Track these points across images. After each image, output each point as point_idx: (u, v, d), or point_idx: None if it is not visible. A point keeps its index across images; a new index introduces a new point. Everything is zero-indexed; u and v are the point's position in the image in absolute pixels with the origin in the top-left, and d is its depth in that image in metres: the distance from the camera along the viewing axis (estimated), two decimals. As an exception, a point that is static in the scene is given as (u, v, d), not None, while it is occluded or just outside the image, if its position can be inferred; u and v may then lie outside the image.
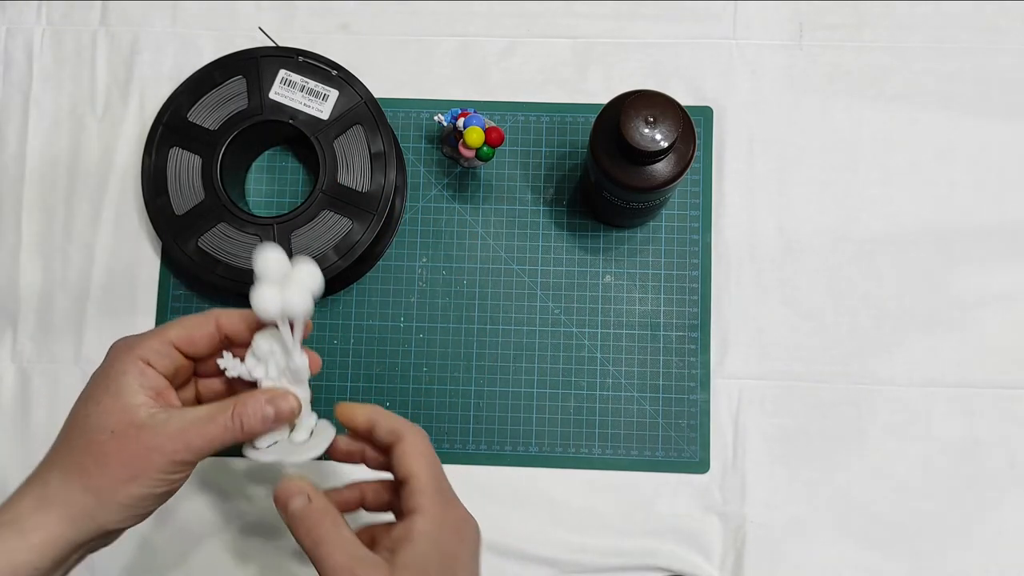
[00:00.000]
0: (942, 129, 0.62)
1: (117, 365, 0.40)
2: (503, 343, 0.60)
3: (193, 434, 0.39)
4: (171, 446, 0.38)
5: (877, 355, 0.60)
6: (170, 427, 0.39)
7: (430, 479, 0.40)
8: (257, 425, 0.40)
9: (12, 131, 0.63)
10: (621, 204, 0.54)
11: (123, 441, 0.38)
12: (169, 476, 0.39)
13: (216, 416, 0.40)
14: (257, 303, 0.39)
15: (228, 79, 0.58)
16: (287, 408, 0.41)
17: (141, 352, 0.40)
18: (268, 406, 0.40)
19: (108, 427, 0.39)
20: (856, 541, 0.58)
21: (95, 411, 0.39)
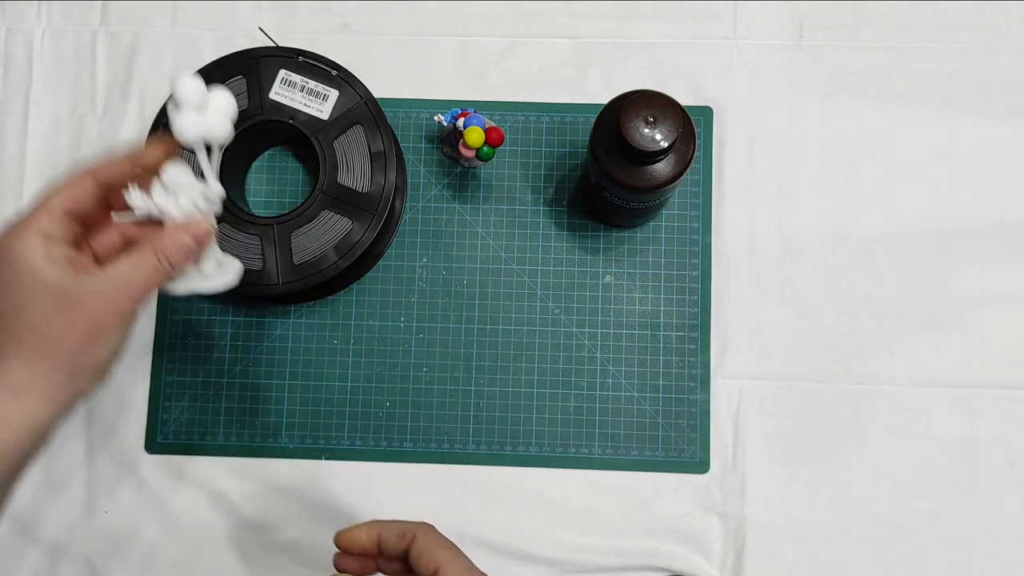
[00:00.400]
0: (942, 129, 0.62)
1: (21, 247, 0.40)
2: (503, 343, 0.60)
3: (131, 285, 0.41)
4: (114, 303, 0.40)
5: (877, 355, 0.60)
6: (106, 287, 0.40)
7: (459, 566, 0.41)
8: (181, 257, 0.42)
9: (12, 131, 0.63)
10: (621, 204, 0.54)
11: (69, 314, 0.39)
12: (121, 328, 0.41)
13: (142, 261, 0.41)
14: (177, 128, 0.41)
15: (228, 79, 0.58)
16: (202, 232, 0.42)
17: (38, 228, 0.40)
18: (185, 235, 0.42)
19: (45, 307, 0.39)
20: (856, 541, 0.58)
21: (21, 295, 0.39)
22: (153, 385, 0.60)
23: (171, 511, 0.59)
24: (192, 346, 0.61)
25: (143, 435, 0.60)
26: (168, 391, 0.60)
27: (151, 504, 0.59)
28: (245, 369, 0.60)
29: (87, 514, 0.59)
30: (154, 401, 0.60)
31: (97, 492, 0.59)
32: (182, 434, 0.60)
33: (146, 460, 0.60)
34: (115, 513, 0.59)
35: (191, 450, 0.60)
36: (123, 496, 0.59)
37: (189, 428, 0.60)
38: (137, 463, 0.60)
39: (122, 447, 0.60)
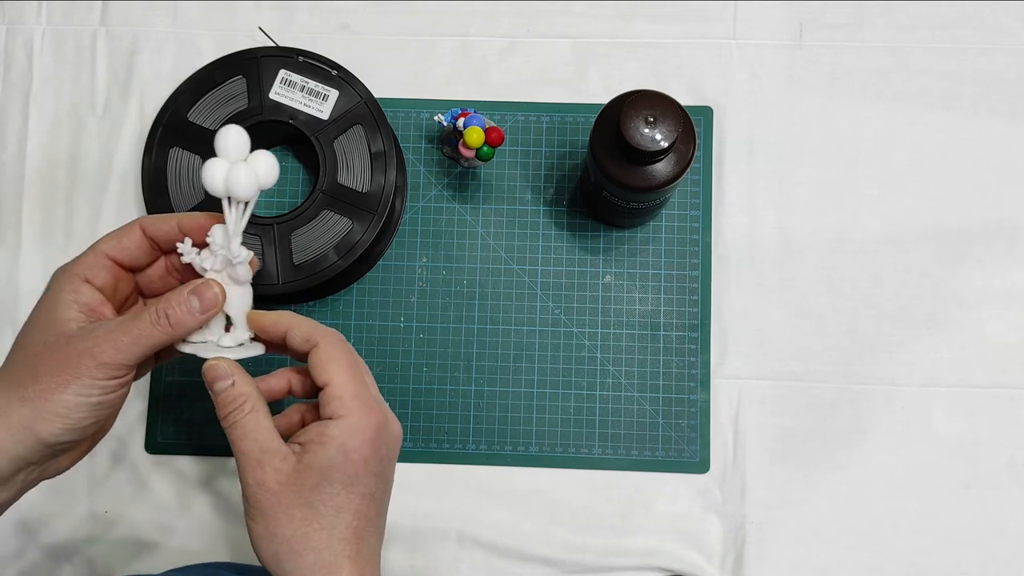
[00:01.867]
0: (942, 129, 0.62)
1: (54, 286, 0.41)
2: (503, 343, 0.60)
3: (119, 334, 0.38)
4: (98, 348, 0.38)
5: (877, 355, 0.60)
6: (97, 332, 0.39)
7: (347, 386, 0.40)
8: (184, 317, 0.40)
9: (12, 131, 0.63)
10: (621, 204, 0.54)
11: (53, 350, 0.38)
12: (100, 382, 0.38)
13: (142, 315, 0.39)
14: (204, 175, 0.40)
15: (228, 79, 0.58)
16: (210, 295, 0.40)
17: (76, 269, 0.41)
18: (192, 296, 0.40)
19: (42, 341, 0.39)
20: (856, 541, 0.58)
21: (31, 330, 0.40)
22: (153, 385, 0.60)
23: (171, 510, 0.59)
24: (192, 346, 0.61)
25: (143, 435, 0.60)
26: (168, 391, 0.60)
27: (151, 504, 0.59)
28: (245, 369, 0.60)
29: (87, 514, 0.59)
30: (154, 401, 0.60)
31: (97, 492, 0.59)
32: (182, 434, 0.60)
33: (146, 460, 0.60)
34: (115, 513, 0.59)
35: (191, 450, 0.60)
36: (123, 496, 0.59)
37: (189, 428, 0.60)
38: (137, 463, 0.60)
39: (122, 447, 0.60)
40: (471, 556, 0.58)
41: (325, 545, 0.38)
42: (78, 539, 0.59)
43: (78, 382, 0.38)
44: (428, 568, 0.58)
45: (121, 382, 0.39)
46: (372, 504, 0.40)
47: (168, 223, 0.42)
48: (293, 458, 0.39)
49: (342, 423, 0.39)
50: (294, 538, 0.38)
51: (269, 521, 0.38)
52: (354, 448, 0.39)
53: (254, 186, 0.40)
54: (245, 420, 0.39)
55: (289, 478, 0.38)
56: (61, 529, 0.59)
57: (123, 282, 0.43)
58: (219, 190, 0.40)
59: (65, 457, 0.41)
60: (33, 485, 0.41)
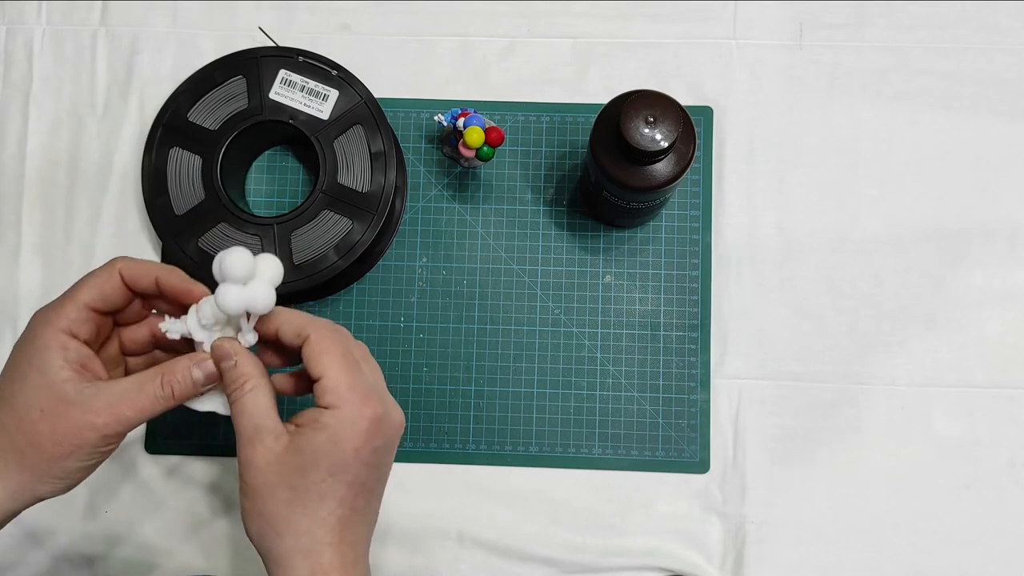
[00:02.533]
0: (942, 129, 0.62)
1: (39, 340, 0.40)
2: (503, 343, 0.60)
3: (123, 407, 0.40)
4: (101, 421, 0.39)
5: (877, 355, 0.60)
6: (99, 402, 0.39)
7: (340, 377, 0.39)
8: (188, 390, 0.41)
9: (12, 131, 0.63)
10: (621, 204, 0.54)
11: (54, 420, 0.39)
12: (101, 449, 0.40)
13: (144, 386, 0.40)
14: (220, 302, 0.40)
15: (228, 79, 0.58)
16: (212, 372, 0.41)
17: (61, 324, 0.40)
18: (196, 370, 0.41)
19: (38, 406, 0.39)
20: (856, 541, 0.58)
21: (21, 389, 0.40)
22: (153, 385, 0.60)
23: (171, 511, 0.59)
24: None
25: (143, 435, 0.60)
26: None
27: (151, 504, 0.59)
28: (245, 369, 0.60)
29: (87, 514, 0.59)
30: (154, 401, 0.60)
31: (97, 492, 0.59)
32: (182, 434, 0.60)
33: (146, 460, 0.60)
34: (115, 513, 0.59)
35: (191, 450, 0.60)
36: (123, 496, 0.59)
37: (189, 428, 0.60)
38: (137, 463, 0.60)
39: (122, 447, 0.60)
40: (471, 556, 0.58)
41: (306, 530, 0.39)
42: (78, 539, 0.59)
43: (81, 451, 0.39)
44: (428, 568, 0.58)
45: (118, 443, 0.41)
46: (361, 494, 0.40)
47: (147, 276, 0.42)
48: (285, 438, 0.39)
49: (336, 413, 0.39)
50: (276, 518, 0.39)
51: (256, 499, 0.39)
52: (345, 438, 0.39)
53: (273, 296, 0.41)
54: (245, 398, 0.40)
55: (278, 458, 0.39)
56: (60, 529, 0.59)
57: (103, 326, 0.43)
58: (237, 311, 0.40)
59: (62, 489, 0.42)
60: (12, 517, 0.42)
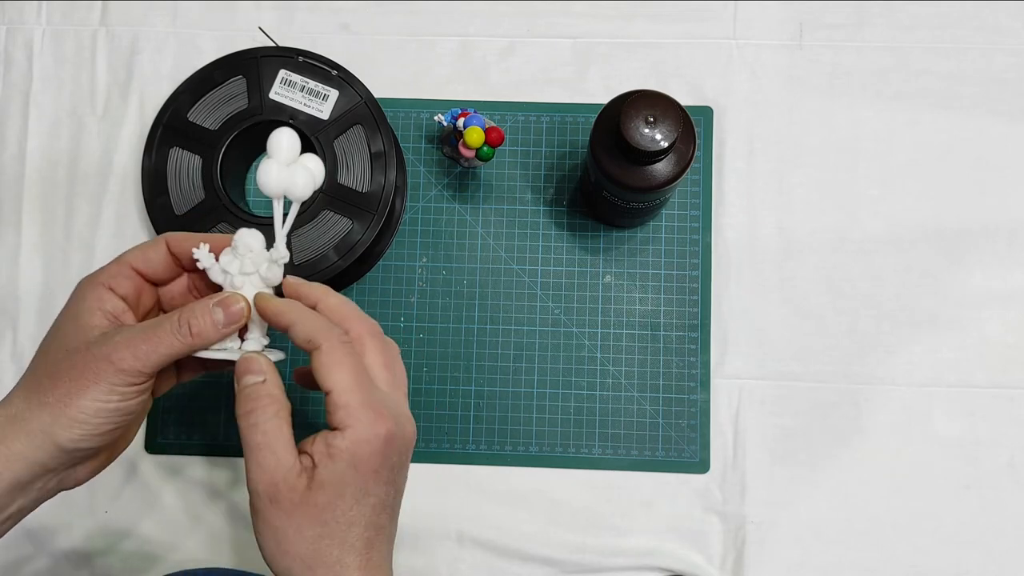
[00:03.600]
0: (942, 129, 0.62)
1: (79, 293, 0.41)
2: (503, 343, 0.60)
3: (139, 340, 0.38)
4: (117, 354, 0.38)
5: (877, 355, 0.60)
6: (116, 337, 0.38)
7: (351, 393, 0.38)
8: (207, 328, 0.39)
9: (12, 131, 0.63)
10: (621, 204, 0.54)
11: (74, 356, 0.38)
12: (119, 388, 0.38)
13: (163, 323, 0.39)
14: (261, 176, 0.40)
15: (228, 79, 0.58)
16: (236, 310, 0.40)
17: (100, 278, 0.41)
18: (217, 308, 0.40)
19: (65, 347, 0.39)
20: (856, 541, 0.58)
21: (55, 335, 0.40)
22: (153, 385, 0.60)
23: (171, 511, 0.59)
24: (192, 346, 0.61)
25: (143, 435, 0.60)
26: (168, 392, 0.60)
27: (151, 503, 0.59)
28: (245, 369, 0.60)
29: (87, 514, 0.59)
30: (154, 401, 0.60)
31: (97, 492, 0.59)
32: (182, 434, 0.60)
33: (146, 460, 0.60)
34: (115, 513, 0.59)
35: (191, 450, 0.60)
36: (123, 496, 0.59)
37: (189, 428, 0.60)
38: (137, 463, 0.60)
39: (122, 447, 0.60)
40: (471, 556, 0.58)
41: (336, 558, 0.38)
42: (77, 539, 0.59)
43: (96, 387, 0.38)
44: (428, 568, 0.58)
45: (139, 389, 0.39)
46: (384, 512, 0.39)
47: (191, 241, 0.42)
48: (305, 476, 0.37)
49: (349, 434, 0.38)
50: (307, 554, 0.37)
51: (281, 539, 0.37)
52: (363, 460, 0.38)
53: (311, 186, 0.41)
54: (268, 425, 0.38)
55: (302, 497, 0.37)
56: (60, 528, 0.59)
57: (145, 294, 0.43)
58: (275, 191, 0.41)
59: (83, 467, 0.41)
60: (51, 495, 0.40)
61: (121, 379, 0.38)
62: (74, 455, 0.39)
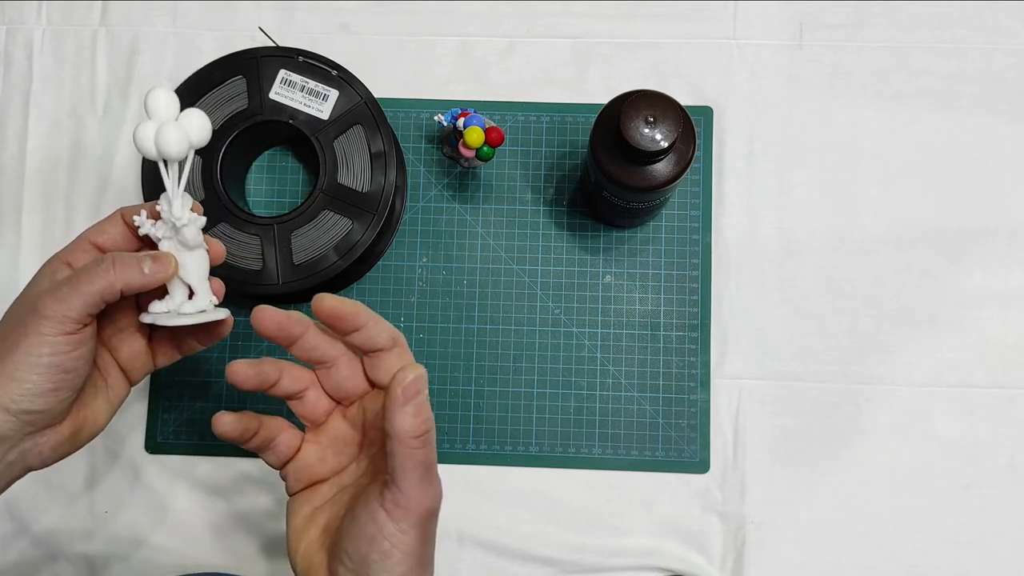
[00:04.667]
0: (942, 129, 0.62)
1: (38, 272, 0.42)
2: (503, 343, 0.60)
3: (62, 285, 0.38)
4: (40, 302, 0.38)
5: (877, 355, 0.60)
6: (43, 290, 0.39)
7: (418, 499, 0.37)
8: (131, 269, 0.40)
9: (12, 131, 0.63)
10: (621, 204, 0.54)
11: (11, 319, 0.40)
12: (48, 338, 0.38)
13: (87, 266, 0.39)
14: (135, 137, 0.40)
15: (228, 79, 0.58)
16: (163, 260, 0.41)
17: (59, 254, 0.42)
18: (146, 258, 0.40)
19: (9, 316, 0.40)
20: (856, 541, 0.58)
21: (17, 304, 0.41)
22: (153, 385, 0.60)
23: (171, 511, 0.59)
24: (192, 346, 0.61)
25: (143, 435, 0.60)
26: (168, 391, 0.60)
27: (151, 504, 0.59)
28: (245, 369, 0.60)
29: (87, 514, 0.59)
30: (154, 401, 0.60)
31: (97, 492, 0.59)
32: (182, 434, 0.60)
33: (146, 460, 0.60)
34: (115, 513, 0.59)
35: (191, 450, 0.60)
36: (123, 496, 0.59)
37: (189, 428, 0.60)
38: (137, 463, 0.60)
39: (122, 447, 0.60)
40: (471, 556, 0.58)
41: None
42: (77, 539, 0.59)
43: (26, 340, 0.38)
44: (428, 568, 0.58)
45: (71, 339, 0.38)
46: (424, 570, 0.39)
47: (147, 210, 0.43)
48: None
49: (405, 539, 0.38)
50: None
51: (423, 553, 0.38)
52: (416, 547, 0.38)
53: (184, 144, 0.40)
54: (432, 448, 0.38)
55: None
56: (60, 529, 0.59)
57: None
58: (151, 151, 0.40)
59: (44, 439, 0.40)
60: (17, 473, 0.41)
61: (48, 327, 0.38)
62: (24, 419, 0.39)
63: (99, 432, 0.44)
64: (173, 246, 0.42)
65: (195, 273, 0.43)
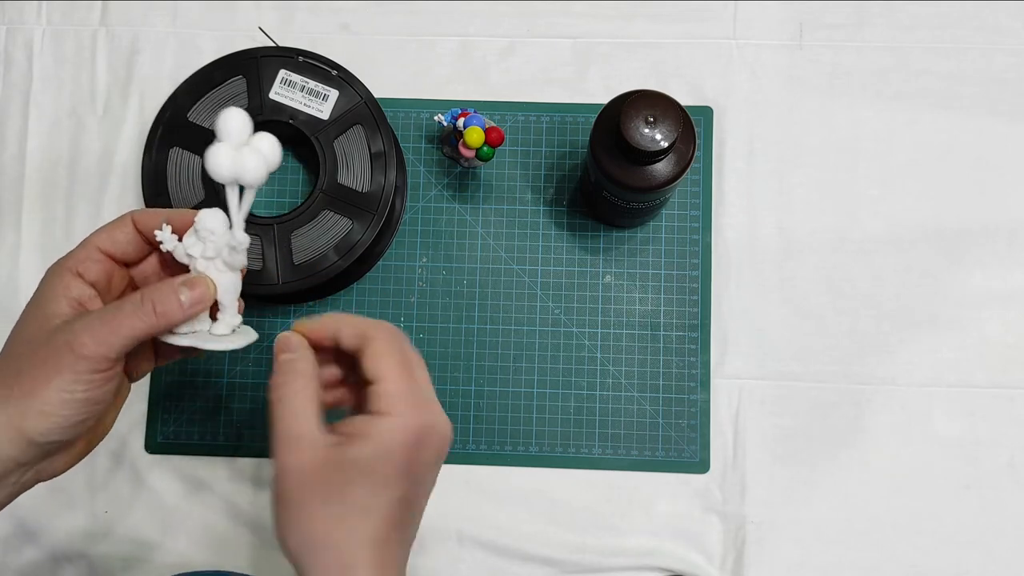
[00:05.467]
0: (942, 129, 0.62)
1: (45, 281, 0.40)
2: (503, 343, 0.60)
3: (99, 325, 0.37)
4: (77, 341, 0.36)
5: (877, 355, 0.60)
6: (77, 324, 0.37)
7: (397, 382, 0.38)
8: (172, 308, 0.38)
9: (12, 131, 0.63)
10: (621, 204, 0.54)
11: (36, 347, 0.37)
12: (83, 376, 0.37)
13: (124, 304, 0.38)
14: (210, 161, 0.38)
15: (228, 79, 0.58)
16: (202, 291, 0.39)
17: (67, 263, 0.40)
18: (183, 287, 0.39)
19: (27, 338, 0.38)
20: (856, 541, 0.58)
21: (19, 327, 0.39)
22: (153, 385, 0.60)
23: (171, 511, 0.59)
24: (192, 346, 0.61)
25: (143, 435, 0.60)
26: (168, 391, 0.60)
27: (151, 504, 0.59)
28: (245, 369, 0.60)
29: (87, 514, 0.59)
30: (154, 401, 0.60)
31: (97, 492, 0.59)
32: (182, 434, 0.60)
33: (146, 460, 0.60)
34: (115, 513, 0.59)
35: (191, 450, 0.60)
36: (123, 496, 0.59)
37: (189, 428, 0.60)
38: (137, 463, 0.60)
39: (122, 447, 0.60)
40: (471, 556, 0.58)
41: (345, 545, 0.37)
42: (78, 539, 0.59)
43: (60, 378, 0.37)
44: (428, 568, 0.58)
45: (106, 376, 0.38)
46: (405, 508, 0.39)
47: (158, 218, 0.41)
48: (332, 449, 0.37)
49: (387, 421, 0.38)
50: (315, 533, 0.37)
51: (295, 510, 0.37)
52: (394, 449, 0.37)
53: (263, 170, 0.39)
54: (294, 399, 0.38)
55: (322, 469, 0.37)
56: (61, 529, 0.59)
57: (116, 277, 0.42)
58: (226, 176, 0.39)
59: (60, 458, 0.40)
60: (28, 487, 0.40)
61: (85, 366, 0.37)
62: (46, 448, 0.38)
63: (107, 434, 0.44)
64: (213, 266, 0.40)
65: (229, 293, 0.41)
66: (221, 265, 0.41)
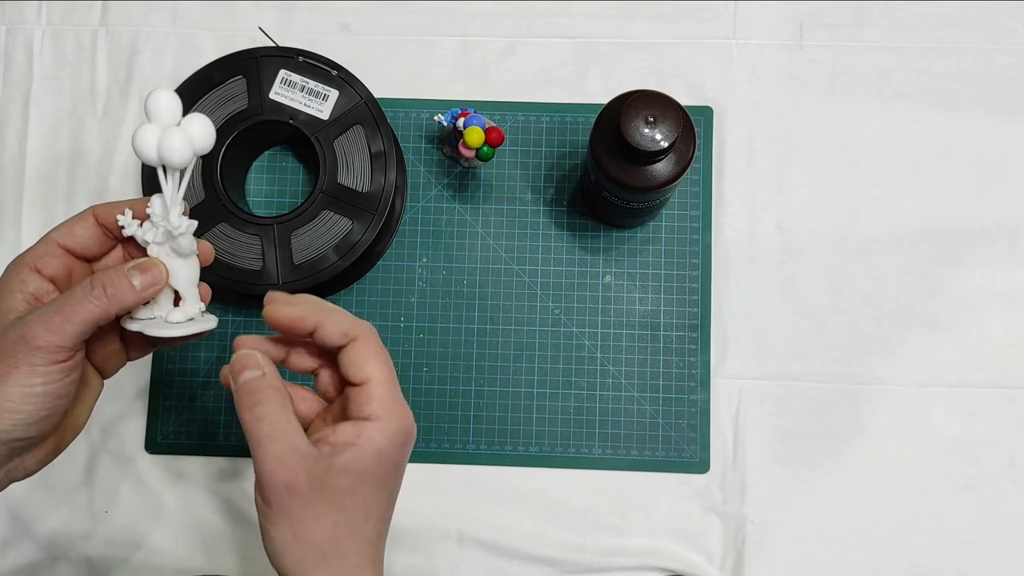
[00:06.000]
0: (942, 129, 0.62)
1: (3, 278, 0.39)
2: (503, 343, 0.60)
3: (51, 314, 0.37)
4: (30, 332, 0.36)
5: (877, 355, 0.60)
6: (31, 316, 0.37)
7: (386, 385, 0.38)
8: (124, 291, 0.38)
9: (12, 131, 0.63)
10: (621, 204, 0.54)
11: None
12: (40, 368, 0.36)
13: (75, 291, 0.37)
14: (135, 142, 0.38)
15: (228, 79, 0.58)
16: (154, 272, 0.39)
17: (26, 259, 0.40)
18: (134, 271, 0.38)
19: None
20: (856, 541, 0.58)
21: None
22: (153, 385, 0.60)
23: (171, 511, 0.59)
24: (192, 346, 0.61)
25: (143, 435, 0.60)
26: (168, 391, 0.60)
27: (151, 504, 0.59)
28: (245, 369, 0.60)
29: (87, 514, 0.59)
30: (154, 401, 0.60)
31: (97, 492, 0.59)
32: (182, 434, 0.60)
33: (146, 460, 0.60)
34: (115, 513, 0.59)
35: (191, 450, 0.60)
36: (123, 496, 0.59)
37: (189, 428, 0.60)
38: (137, 463, 0.60)
39: (122, 447, 0.60)
40: (471, 556, 0.58)
41: (352, 549, 0.37)
42: (77, 539, 0.59)
43: (17, 372, 0.36)
44: (428, 568, 0.58)
45: (64, 367, 0.37)
46: (391, 505, 0.39)
47: (119, 209, 0.41)
48: (324, 461, 0.37)
49: (380, 425, 0.37)
50: (323, 543, 0.36)
51: (296, 526, 0.36)
52: (389, 452, 0.38)
53: (188, 152, 0.39)
54: (276, 416, 0.37)
55: (322, 482, 0.36)
56: (60, 529, 0.59)
57: (77, 272, 0.42)
58: (152, 158, 0.38)
59: (30, 457, 0.40)
60: (2, 487, 0.40)
61: (40, 358, 0.36)
62: (13, 447, 0.38)
63: (80, 431, 0.43)
64: (164, 252, 0.41)
65: (185, 280, 0.41)
66: (169, 251, 0.41)
